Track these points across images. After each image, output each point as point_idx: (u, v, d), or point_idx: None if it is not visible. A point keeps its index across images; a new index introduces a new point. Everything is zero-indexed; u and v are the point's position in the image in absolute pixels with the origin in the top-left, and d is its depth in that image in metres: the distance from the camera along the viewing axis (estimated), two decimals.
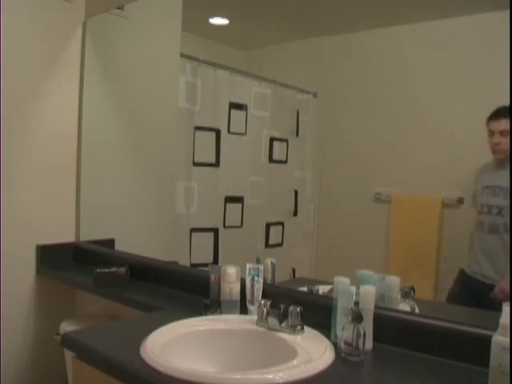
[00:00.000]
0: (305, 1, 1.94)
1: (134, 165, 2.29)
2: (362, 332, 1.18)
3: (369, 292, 1.25)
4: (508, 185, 1.60)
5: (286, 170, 2.18)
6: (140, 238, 2.24)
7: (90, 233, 2.36)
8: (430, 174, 1.57)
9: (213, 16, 2.17)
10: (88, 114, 2.22)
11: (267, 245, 2.12)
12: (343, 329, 1.21)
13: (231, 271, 1.50)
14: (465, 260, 1.56)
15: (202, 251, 1.99)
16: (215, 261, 1.99)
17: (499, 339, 0.99)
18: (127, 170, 2.30)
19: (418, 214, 1.60)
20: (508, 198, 1.58)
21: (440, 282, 1.58)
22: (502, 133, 1.58)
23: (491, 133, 1.60)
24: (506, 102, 1.36)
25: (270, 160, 2.16)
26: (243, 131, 2.10)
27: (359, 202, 1.71)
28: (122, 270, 1.95)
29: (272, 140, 2.16)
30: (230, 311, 1.49)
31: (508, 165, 1.64)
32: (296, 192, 2.14)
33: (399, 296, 1.39)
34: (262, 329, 1.34)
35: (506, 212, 1.59)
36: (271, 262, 1.66)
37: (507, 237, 1.59)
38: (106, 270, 1.94)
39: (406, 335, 1.27)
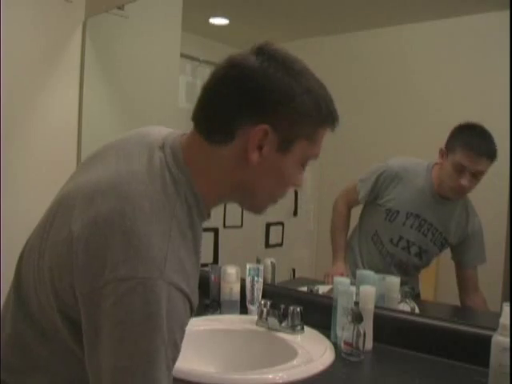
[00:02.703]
0: (304, 1, 1.94)
1: None
2: (361, 332, 1.18)
3: (369, 292, 1.25)
4: (444, 228, 1.45)
5: None
6: None
7: None
8: None
9: (213, 16, 2.17)
10: (88, 113, 2.22)
11: (267, 245, 2.11)
12: (343, 329, 1.21)
13: (231, 271, 1.50)
14: None
15: (202, 251, 1.99)
16: (215, 261, 1.99)
17: (499, 339, 0.99)
18: None
19: None
20: (437, 242, 1.45)
21: (440, 282, 1.58)
22: (474, 174, 1.35)
23: (460, 168, 1.35)
24: (506, 102, 1.35)
25: None
26: None
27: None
28: None
29: None
30: (230, 311, 1.49)
31: (457, 202, 1.45)
32: (296, 192, 2.13)
33: (399, 296, 1.39)
34: (262, 329, 1.34)
35: (427, 256, 1.48)
36: (271, 262, 1.66)
37: (412, 273, 1.51)
38: None
39: (405, 335, 1.27)
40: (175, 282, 0.63)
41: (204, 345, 1.29)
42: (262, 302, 1.37)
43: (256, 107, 0.72)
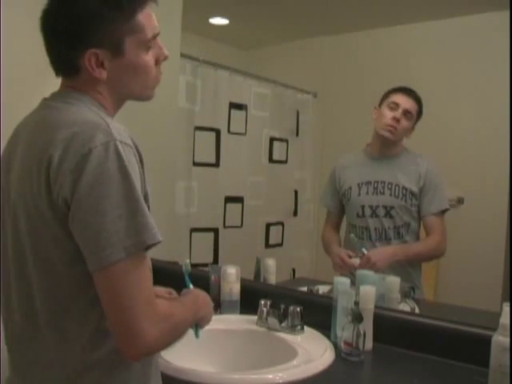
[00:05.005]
0: (304, 1, 1.94)
1: None
2: (361, 332, 1.18)
3: (369, 292, 1.25)
4: (397, 179, 1.49)
5: (286, 170, 2.18)
6: None
7: None
8: None
9: (213, 16, 2.17)
10: None
11: (267, 245, 2.12)
12: (343, 329, 1.21)
13: (231, 271, 1.50)
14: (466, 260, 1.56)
15: (201, 251, 1.99)
16: (215, 261, 1.99)
17: (499, 339, 0.99)
18: None
19: None
20: (398, 195, 1.48)
21: (440, 282, 1.58)
22: (404, 113, 1.48)
23: (394, 105, 1.49)
24: (506, 102, 1.36)
25: (270, 160, 2.16)
26: (243, 131, 2.10)
27: None
28: None
29: (272, 140, 2.16)
30: (230, 311, 1.49)
31: (393, 156, 1.52)
32: (296, 192, 2.14)
33: (399, 296, 1.39)
34: (262, 329, 1.34)
35: (397, 213, 1.49)
36: (271, 262, 1.66)
37: (402, 242, 1.50)
38: None
39: (405, 335, 1.27)
40: (123, 140, 0.78)
41: (204, 345, 1.29)
42: (262, 302, 1.37)
43: (75, 41, 0.86)
